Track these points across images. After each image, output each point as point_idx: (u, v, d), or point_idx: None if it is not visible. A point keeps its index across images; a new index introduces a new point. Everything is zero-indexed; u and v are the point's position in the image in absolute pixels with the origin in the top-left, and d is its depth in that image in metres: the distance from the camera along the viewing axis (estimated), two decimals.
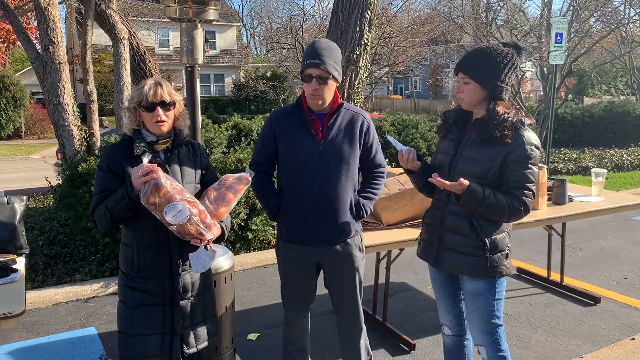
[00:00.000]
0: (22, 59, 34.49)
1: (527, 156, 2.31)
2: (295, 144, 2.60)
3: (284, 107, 2.71)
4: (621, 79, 25.20)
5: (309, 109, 2.60)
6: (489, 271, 2.41)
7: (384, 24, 19.81)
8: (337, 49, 2.56)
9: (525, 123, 2.35)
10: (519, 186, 2.32)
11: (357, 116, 2.64)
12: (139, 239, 2.28)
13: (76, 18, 9.34)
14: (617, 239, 6.32)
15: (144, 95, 2.21)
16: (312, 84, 2.47)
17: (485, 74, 2.35)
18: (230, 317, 3.15)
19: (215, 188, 2.32)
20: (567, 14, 14.95)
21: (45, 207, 7.47)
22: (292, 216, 2.63)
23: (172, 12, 3.03)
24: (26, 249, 2.99)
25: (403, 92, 45.99)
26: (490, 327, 2.48)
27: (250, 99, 30.77)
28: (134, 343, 2.30)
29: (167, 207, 2.07)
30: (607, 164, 11.30)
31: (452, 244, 2.46)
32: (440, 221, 2.51)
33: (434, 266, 2.59)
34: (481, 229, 2.39)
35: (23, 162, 15.10)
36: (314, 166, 2.56)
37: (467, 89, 2.39)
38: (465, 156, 2.42)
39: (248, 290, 4.79)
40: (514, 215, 2.35)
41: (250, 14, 56.42)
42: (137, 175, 2.07)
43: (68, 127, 6.38)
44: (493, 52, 2.36)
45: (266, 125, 2.69)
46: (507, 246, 2.46)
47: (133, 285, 2.30)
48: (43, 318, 4.23)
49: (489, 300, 2.46)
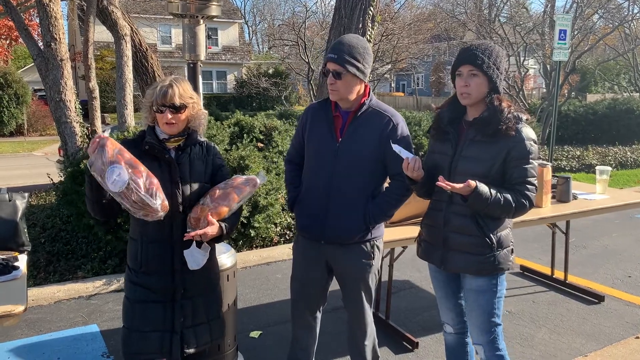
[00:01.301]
0: (25, 56, 34.50)
1: (528, 151, 2.32)
2: (315, 139, 2.59)
3: (318, 101, 2.71)
4: (624, 76, 25.09)
5: (336, 106, 2.57)
6: (496, 268, 2.41)
7: (387, 21, 19.76)
8: (362, 46, 2.46)
9: (523, 119, 2.36)
10: (523, 182, 2.33)
11: (383, 116, 2.52)
12: (144, 233, 2.28)
13: (78, 15, 9.33)
14: (621, 237, 6.30)
15: (155, 96, 2.23)
16: (329, 78, 2.45)
17: (492, 67, 2.34)
18: (232, 314, 3.14)
19: (221, 187, 2.31)
20: (571, 10, 14.89)
21: (48, 204, 7.47)
22: (302, 210, 2.65)
23: (174, 8, 3.02)
24: (28, 246, 2.98)
25: (405, 89, 45.94)
26: (489, 325, 2.48)
27: (253, 96, 30.77)
28: (134, 339, 2.30)
29: (107, 171, 2.04)
30: (610, 162, 11.26)
31: (458, 244, 2.44)
32: (444, 223, 2.48)
33: (440, 268, 2.56)
34: (487, 227, 2.39)
35: (25, 159, 15.11)
36: (329, 164, 2.53)
37: (474, 83, 2.34)
38: (466, 156, 2.40)
39: (250, 288, 4.78)
40: (519, 211, 2.35)
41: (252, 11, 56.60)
42: (90, 146, 2.08)
43: (70, 124, 6.37)
44: (495, 46, 2.39)
45: (301, 116, 2.72)
46: (511, 241, 2.48)
47: (136, 281, 2.30)
48: (45, 315, 4.23)
49: (490, 297, 2.46)
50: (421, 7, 29.16)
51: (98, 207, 2.22)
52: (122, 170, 2.04)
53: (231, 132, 6.85)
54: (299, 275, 2.76)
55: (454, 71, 2.42)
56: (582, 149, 12.81)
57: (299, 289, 2.78)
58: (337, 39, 2.50)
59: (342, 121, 2.55)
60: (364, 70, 2.47)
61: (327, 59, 2.45)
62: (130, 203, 2.07)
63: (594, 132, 14.71)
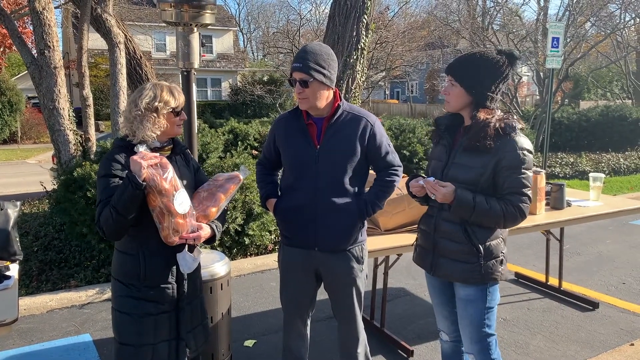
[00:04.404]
0: (19, 64, 34.41)
1: (520, 161, 2.28)
2: (291, 148, 2.59)
3: (285, 112, 2.72)
4: (617, 83, 25.29)
5: (307, 114, 2.58)
6: (483, 278, 2.38)
7: (381, 29, 19.84)
8: (326, 52, 2.49)
9: (517, 128, 2.31)
10: (514, 192, 2.29)
11: (359, 119, 2.57)
12: (145, 247, 2.25)
13: (73, 22, 9.32)
14: (615, 244, 6.31)
15: (177, 100, 2.27)
16: (296, 87, 2.46)
17: (472, 81, 2.32)
18: (226, 323, 3.12)
19: (206, 188, 2.32)
20: (563, 18, 15.01)
21: (41, 212, 7.42)
22: (288, 219, 2.63)
23: (168, 16, 3.02)
24: (20, 256, 2.95)
25: (400, 97, 46.08)
26: (479, 335, 2.45)
27: (247, 104, 30.75)
28: (144, 354, 2.27)
29: (178, 192, 2.09)
30: (603, 168, 11.31)
31: (446, 251, 2.44)
32: (434, 228, 2.49)
33: (430, 273, 2.57)
34: (475, 236, 2.36)
35: (19, 166, 15.03)
36: (310, 171, 2.54)
37: (452, 92, 2.37)
38: (457, 163, 2.39)
39: (245, 296, 4.76)
40: (509, 222, 2.32)
41: (247, 19, 56.52)
42: (139, 159, 2.04)
43: (63, 132, 6.35)
44: (484, 59, 2.32)
45: (271, 128, 2.74)
46: (502, 252, 2.43)
47: (138, 296, 2.26)
48: (37, 325, 4.19)
49: (479, 307, 2.43)
50: (415, 15, 29.28)
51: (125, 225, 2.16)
52: (187, 197, 2.14)
53: (225, 140, 6.84)
54: (290, 285, 2.74)
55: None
56: (575, 156, 12.86)
57: (291, 299, 2.76)
58: (301, 48, 2.52)
59: (317, 128, 2.56)
60: (330, 77, 2.49)
61: (293, 68, 2.46)
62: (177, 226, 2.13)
63: (587, 138, 14.78)
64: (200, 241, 2.25)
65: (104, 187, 2.17)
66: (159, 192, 2.06)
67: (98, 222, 2.16)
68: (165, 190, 2.07)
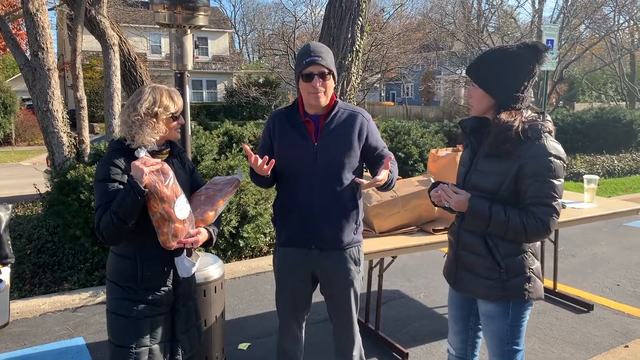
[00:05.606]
0: (13, 65, 34.27)
1: (546, 168, 2.06)
2: (288, 144, 2.57)
3: (281, 108, 2.70)
4: (611, 85, 25.44)
5: (304, 112, 2.58)
6: (506, 296, 2.20)
7: (376, 31, 19.87)
8: (331, 51, 2.56)
9: (544, 131, 2.10)
10: (537, 202, 2.08)
11: (355, 115, 2.57)
12: (142, 250, 2.24)
13: (67, 24, 9.29)
14: (610, 245, 6.33)
15: (176, 105, 2.26)
16: (314, 81, 2.43)
17: (492, 81, 2.16)
18: (220, 326, 3.11)
19: (204, 192, 2.31)
20: (558, 20, 15.08)
21: (34, 215, 7.38)
22: (285, 217, 2.62)
23: (161, 18, 3.00)
24: (11, 259, 2.92)
25: (395, 99, 46.14)
26: (501, 350, 2.29)
27: (243, 106, 30.77)
28: (139, 356, 2.26)
29: (179, 199, 2.09)
30: (598, 170, 11.35)
31: (467, 264, 2.29)
32: (457, 239, 2.34)
33: (453, 287, 2.42)
34: (497, 249, 2.19)
35: (13, 168, 14.96)
36: (308, 168, 2.52)
37: (474, 94, 2.22)
38: (479, 170, 2.22)
39: (239, 299, 4.74)
40: (532, 236, 2.11)
41: (242, 21, 56.62)
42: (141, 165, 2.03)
43: (57, 134, 6.32)
44: (505, 57, 2.14)
45: (266, 123, 2.71)
46: (530, 268, 2.21)
47: (135, 298, 2.25)
48: (30, 328, 4.16)
49: (501, 324, 2.26)
50: (410, 17, 29.32)
51: (126, 230, 2.13)
52: (187, 202, 2.15)
53: (220, 142, 6.83)
54: (286, 287, 2.72)
55: None
56: (570, 158, 12.89)
57: (287, 302, 2.74)
58: (308, 45, 2.52)
59: (315, 125, 2.55)
60: (336, 75, 2.56)
61: (310, 62, 2.42)
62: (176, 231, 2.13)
63: (581, 140, 14.82)
64: (198, 245, 2.25)
65: (103, 191, 2.14)
66: (160, 199, 2.05)
67: (98, 227, 2.13)
68: (167, 197, 2.06)
